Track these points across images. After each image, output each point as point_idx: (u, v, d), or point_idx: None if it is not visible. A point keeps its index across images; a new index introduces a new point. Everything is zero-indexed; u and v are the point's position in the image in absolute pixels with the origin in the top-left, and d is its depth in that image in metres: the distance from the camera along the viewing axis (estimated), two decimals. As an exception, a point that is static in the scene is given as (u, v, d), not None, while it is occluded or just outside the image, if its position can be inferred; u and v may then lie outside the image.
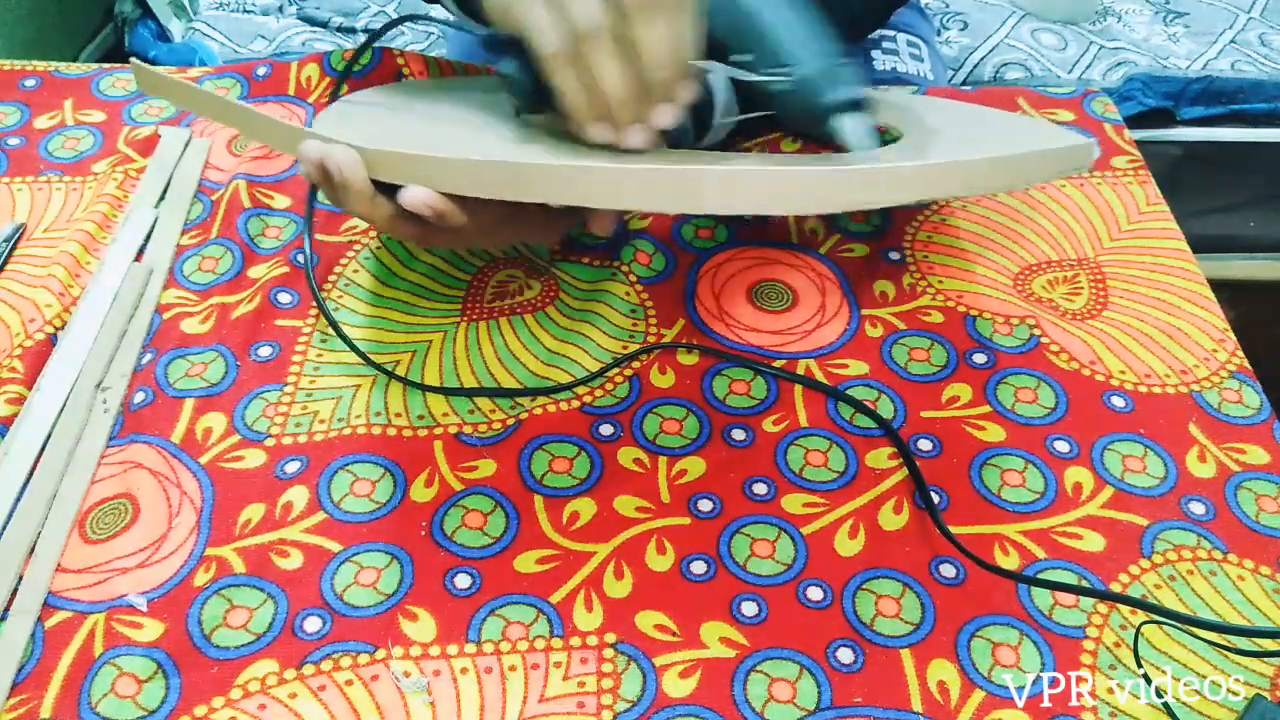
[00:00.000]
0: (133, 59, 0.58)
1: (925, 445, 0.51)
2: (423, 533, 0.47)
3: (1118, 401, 0.53)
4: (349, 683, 0.42)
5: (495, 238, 0.49)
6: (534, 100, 0.47)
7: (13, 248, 0.59)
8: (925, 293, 0.59)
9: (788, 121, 0.48)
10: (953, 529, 0.47)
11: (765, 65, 0.47)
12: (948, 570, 0.46)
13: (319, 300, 0.54)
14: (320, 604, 0.45)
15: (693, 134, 0.51)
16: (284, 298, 0.57)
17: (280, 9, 1.27)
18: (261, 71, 0.70)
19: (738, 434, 0.52)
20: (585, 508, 0.49)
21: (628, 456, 0.51)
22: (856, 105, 0.46)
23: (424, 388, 0.53)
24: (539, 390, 0.53)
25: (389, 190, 0.44)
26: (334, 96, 0.53)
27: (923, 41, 0.93)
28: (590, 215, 0.47)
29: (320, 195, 0.62)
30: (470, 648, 0.44)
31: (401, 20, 0.55)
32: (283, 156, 0.65)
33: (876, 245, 0.61)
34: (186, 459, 0.50)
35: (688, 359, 0.55)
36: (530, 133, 0.49)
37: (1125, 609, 0.45)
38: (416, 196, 0.42)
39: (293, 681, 0.42)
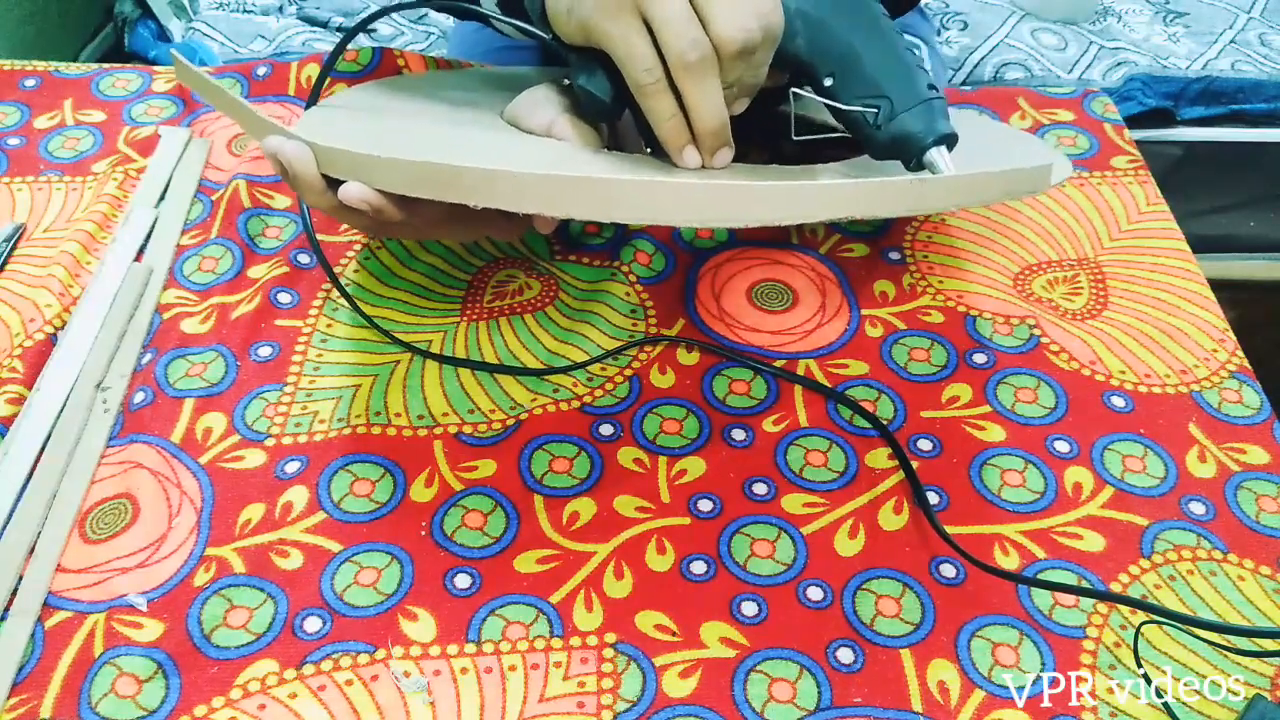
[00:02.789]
0: (173, 51, 0.58)
1: (925, 445, 0.51)
2: (423, 533, 0.47)
3: (1118, 401, 0.53)
4: (349, 683, 0.42)
5: (449, 232, 0.50)
6: (609, 115, 0.47)
7: (13, 248, 0.59)
8: (925, 293, 0.59)
9: (868, 148, 0.48)
10: (953, 529, 0.47)
11: (851, 91, 0.47)
12: (948, 570, 0.46)
13: (330, 274, 0.53)
14: (320, 604, 0.45)
15: None
16: (284, 298, 0.57)
17: (280, 9, 1.27)
18: (261, 71, 0.70)
19: (738, 434, 0.52)
20: (585, 508, 0.49)
21: (628, 456, 0.51)
22: (948, 139, 0.46)
23: (453, 361, 0.53)
24: (554, 370, 0.54)
25: (338, 185, 0.45)
26: (315, 92, 0.53)
27: (922, 42, 0.93)
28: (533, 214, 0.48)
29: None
30: (470, 648, 0.44)
31: (386, 11, 0.55)
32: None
33: (876, 245, 0.61)
34: (186, 459, 0.50)
35: (688, 359, 0.55)
36: (506, 133, 0.49)
37: (1125, 609, 0.45)
38: (351, 192, 0.43)
39: (293, 681, 0.42)
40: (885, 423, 0.52)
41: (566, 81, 0.49)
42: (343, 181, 0.43)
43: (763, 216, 0.39)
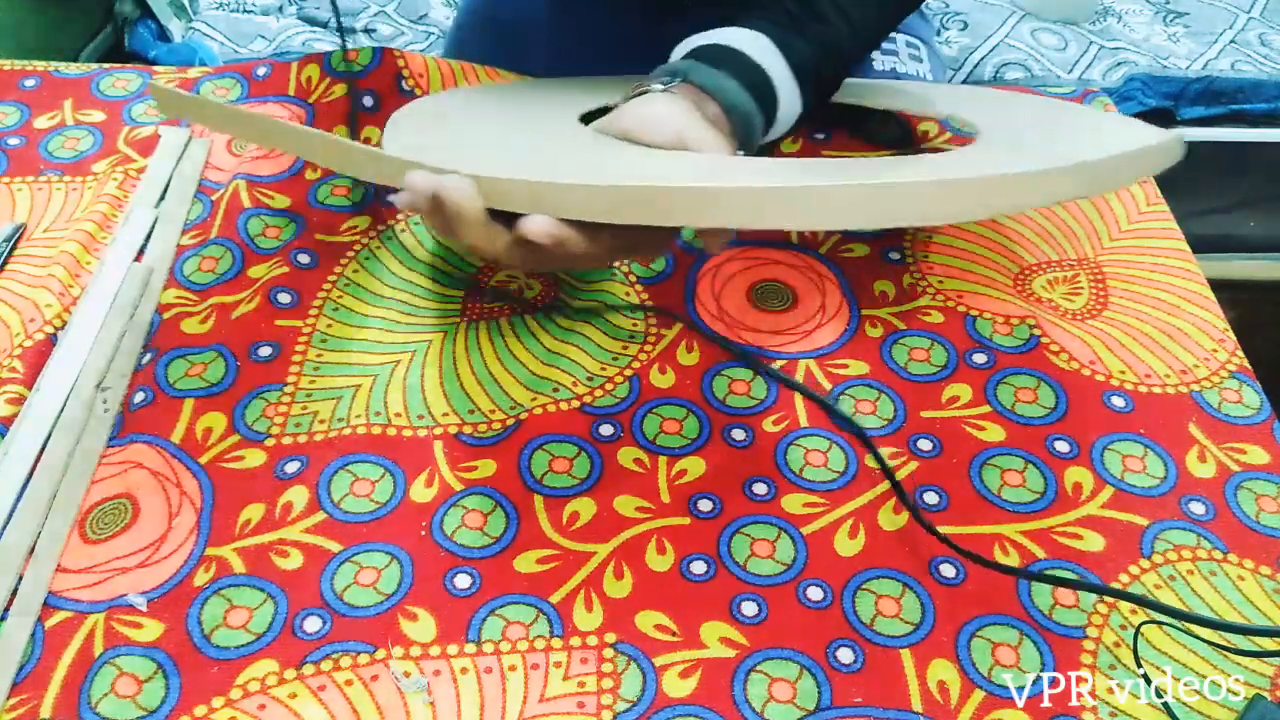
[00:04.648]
0: (153, 83, 0.58)
1: (925, 445, 0.51)
2: (423, 533, 0.47)
3: (1118, 401, 0.53)
4: (349, 683, 0.42)
5: (609, 258, 0.46)
6: None
7: (13, 248, 0.59)
8: (925, 293, 0.59)
9: None
10: (953, 529, 0.47)
11: None
12: (948, 570, 0.46)
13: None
14: (320, 604, 0.45)
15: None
16: (284, 298, 0.57)
17: (280, 9, 1.27)
18: (261, 72, 0.70)
19: (738, 434, 0.52)
20: (585, 508, 0.49)
21: (628, 456, 0.51)
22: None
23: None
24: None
25: (502, 217, 0.42)
26: (352, 107, 0.52)
27: (921, 42, 0.93)
28: (705, 233, 0.45)
29: (319, 195, 0.62)
30: (470, 648, 0.44)
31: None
32: (283, 156, 0.64)
33: (876, 245, 0.61)
34: (186, 459, 0.50)
35: (688, 359, 0.55)
36: (637, 149, 0.47)
37: (1125, 609, 0.45)
38: (539, 226, 0.40)
39: (293, 681, 0.42)
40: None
41: (659, 87, 0.48)
42: (508, 215, 0.41)
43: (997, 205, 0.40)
